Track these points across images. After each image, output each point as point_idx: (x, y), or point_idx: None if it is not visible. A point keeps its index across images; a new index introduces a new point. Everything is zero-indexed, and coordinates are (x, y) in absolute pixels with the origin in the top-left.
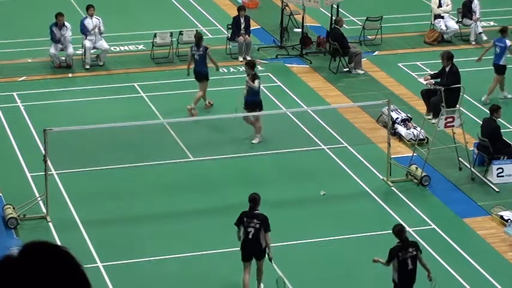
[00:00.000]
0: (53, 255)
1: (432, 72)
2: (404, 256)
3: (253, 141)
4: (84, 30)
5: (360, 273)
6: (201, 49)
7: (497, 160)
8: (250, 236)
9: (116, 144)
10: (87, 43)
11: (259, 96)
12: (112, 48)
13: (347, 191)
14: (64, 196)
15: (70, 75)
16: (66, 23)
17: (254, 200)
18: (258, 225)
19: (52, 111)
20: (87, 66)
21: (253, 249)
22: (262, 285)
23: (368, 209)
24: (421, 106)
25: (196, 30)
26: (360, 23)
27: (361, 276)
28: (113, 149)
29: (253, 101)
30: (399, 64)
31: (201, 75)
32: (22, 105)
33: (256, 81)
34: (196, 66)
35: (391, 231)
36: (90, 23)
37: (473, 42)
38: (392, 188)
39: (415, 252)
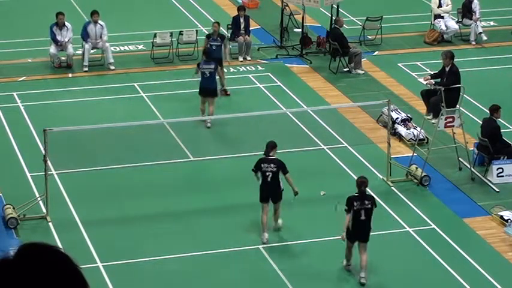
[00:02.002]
0: (49, 256)
1: (432, 72)
2: (359, 207)
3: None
4: (86, 37)
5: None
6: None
7: (497, 160)
8: (268, 179)
9: (116, 144)
10: (87, 45)
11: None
12: (112, 48)
13: (347, 191)
14: (64, 196)
15: (70, 75)
16: (66, 23)
17: (270, 146)
18: (275, 169)
19: (52, 111)
20: (86, 69)
21: (270, 191)
22: (280, 220)
23: None
24: (421, 106)
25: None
26: (360, 23)
27: None
28: (113, 149)
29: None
30: (399, 64)
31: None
32: (22, 105)
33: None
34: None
35: (391, 231)
36: (92, 29)
37: (473, 42)
38: (392, 188)
39: (369, 206)
